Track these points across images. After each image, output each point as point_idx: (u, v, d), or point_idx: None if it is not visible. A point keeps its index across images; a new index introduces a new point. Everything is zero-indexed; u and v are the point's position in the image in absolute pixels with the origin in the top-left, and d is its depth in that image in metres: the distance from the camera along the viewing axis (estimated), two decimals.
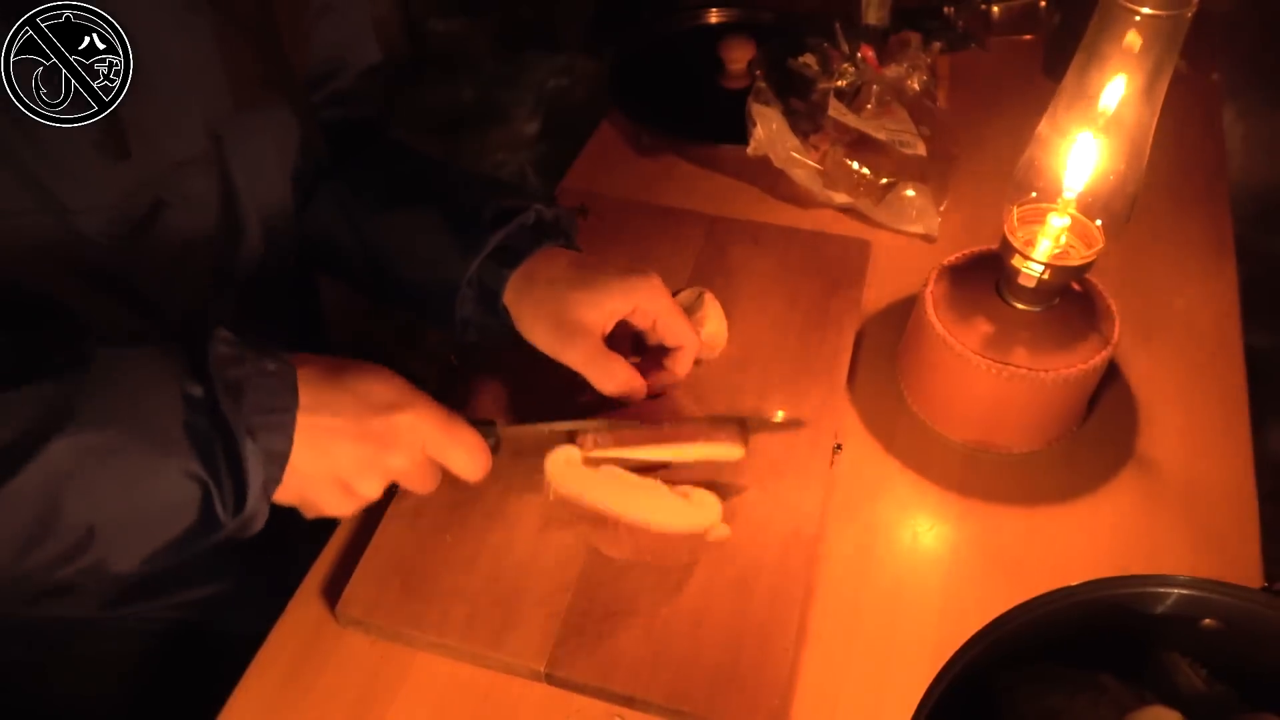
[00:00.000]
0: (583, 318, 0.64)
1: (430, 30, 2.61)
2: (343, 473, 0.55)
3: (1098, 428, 0.74)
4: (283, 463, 0.52)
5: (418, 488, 0.59)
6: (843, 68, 0.94)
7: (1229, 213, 0.93)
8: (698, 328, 0.70)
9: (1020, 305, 0.69)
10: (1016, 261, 0.66)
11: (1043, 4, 1.15)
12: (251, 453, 0.51)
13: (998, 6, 1.15)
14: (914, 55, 0.95)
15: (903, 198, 0.89)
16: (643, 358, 0.69)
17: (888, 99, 0.93)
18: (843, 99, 0.92)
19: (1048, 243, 0.66)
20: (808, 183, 0.91)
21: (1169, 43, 0.57)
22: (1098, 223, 0.65)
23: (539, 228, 0.69)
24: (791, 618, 0.61)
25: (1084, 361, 0.67)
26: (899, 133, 0.90)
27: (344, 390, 0.56)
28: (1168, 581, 0.46)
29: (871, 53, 0.94)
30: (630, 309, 0.66)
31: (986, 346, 0.68)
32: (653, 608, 0.61)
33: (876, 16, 1.05)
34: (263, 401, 0.52)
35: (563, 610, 0.61)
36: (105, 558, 0.51)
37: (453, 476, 0.60)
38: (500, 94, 2.42)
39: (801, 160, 0.91)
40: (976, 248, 0.74)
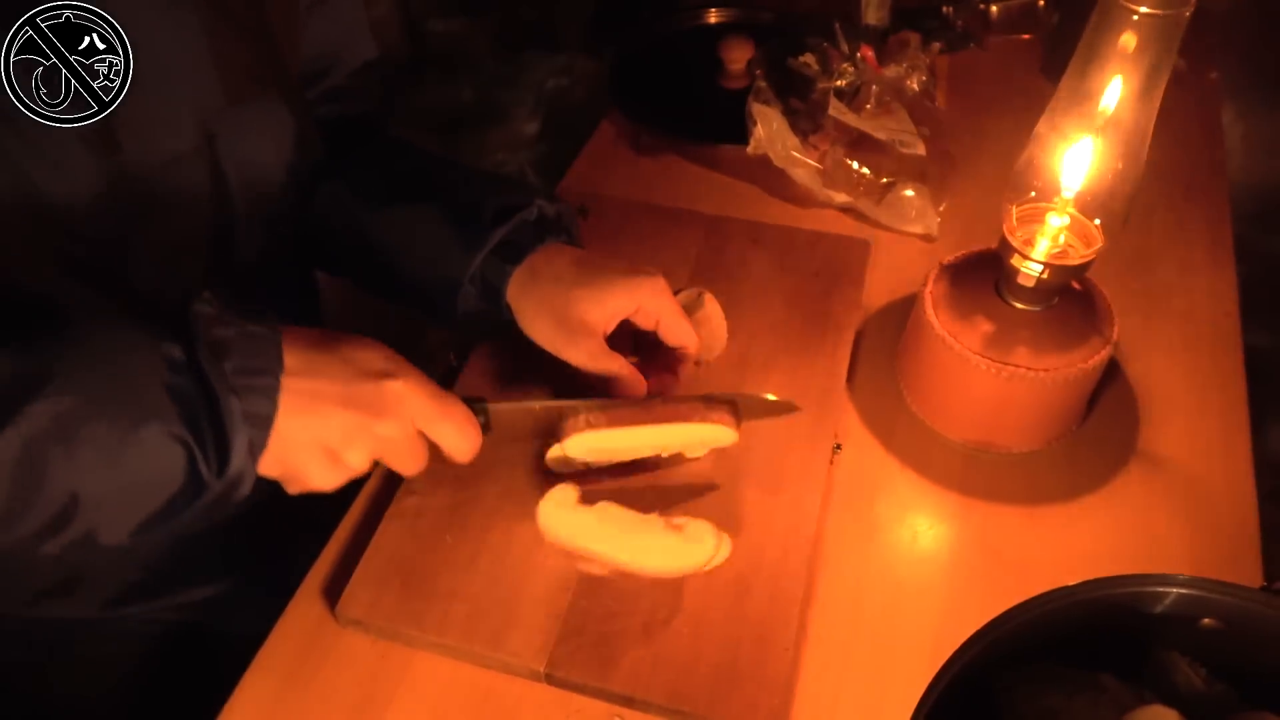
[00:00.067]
0: (586, 317, 0.64)
1: (430, 30, 2.61)
2: (330, 440, 0.54)
3: (1097, 427, 0.74)
4: (267, 426, 0.51)
5: (405, 465, 0.57)
6: (842, 68, 0.94)
7: (1228, 212, 0.93)
8: (698, 328, 0.70)
9: (1020, 305, 0.69)
10: (1015, 261, 0.66)
11: (1041, 3, 1.15)
12: (234, 409, 0.49)
13: (996, 6, 1.15)
14: (913, 55, 0.95)
15: (902, 198, 0.89)
16: (642, 357, 0.69)
17: (887, 99, 0.94)
18: (842, 99, 0.92)
19: (1046, 242, 0.66)
20: (808, 182, 0.91)
21: (1167, 42, 0.57)
22: (1096, 222, 0.65)
23: (541, 224, 0.69)
24: (791, 617, 0.61)
25: (1084, 361, 0.67)
26: (899, 132, 0.90)
27: (333, 355, 0.54)
28: (1167, 581, 0.46)
29: (871, 53, 0.94)
30: (634, 309, 0.66)
31: (986, 346, 0.68)
32: (652, 608, 0.61)
33: (876, 16, 1.06)
34: (246, 363, 0.51)
35: (563, 610, 0.61)
36: (93, 529, 0.50)
37: (444, 461, 0.58)
38: (500, 94, 2.42)
39: (801, 160, 0.91)
40: (976, 247, 0.74)
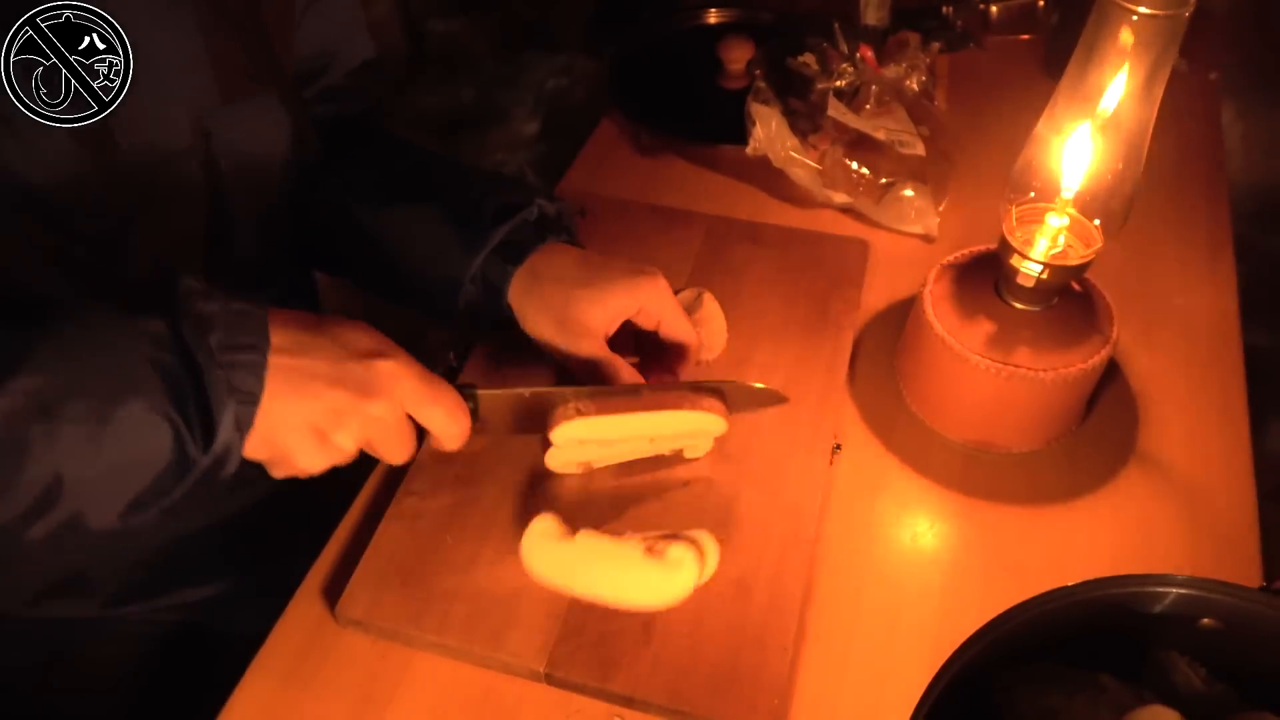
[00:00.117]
0: (588, 317, 0.64)
1: (430, 30, 2.61)
2: (319, 420, 0.53)
3: (1097, 427, 0.74)
4: (254, 402, 0.50)
5: (392, 450, 0.57)
6: (842, 68, 0.94)
7: (1228, 212, 0.93)
8: (698, 328, 0.70)
9: (1019, 305, 0.68)
10: (1015, 261, 0.66)
11: (1041, 3, 1.15)
12: (219, 380, 0.49)
13: (996, 6, 1.15)
14: (913, 55, 0.95)
15: (902, 198, 0.89)
16: (643, 357, 0.69)
17: (887, 99, 0.93)
18: (842, 99, 0.92)
19: (1046, 242, 0.66)
20: (807, 183, 0.91)
21: (1167, 42, 0.57)
22: (1096, 222, 0.65)
23: (542, 223, 0.69)
24: (791, 618, 0.61)
25: (1084, 361, 0.67)
26: (898, 133, 0.90)
27: (321, 335, 0.54)
28: (1166, 581, 0.46)
29: (870, 53, 0.94)
30: (636, 309, 0.66)
31: (986, 346, 0.68)
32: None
33: (875, 16, 1.06)
34: (231, 338, 0.50)
35: (563, 610, 0.61)
36: (80, 510, 0.49)
37: (439, 458, 0.57)
38: (500, 94, 2.42)
39: (801, 160, 0.91)
40: (975, 247, 0.74)
